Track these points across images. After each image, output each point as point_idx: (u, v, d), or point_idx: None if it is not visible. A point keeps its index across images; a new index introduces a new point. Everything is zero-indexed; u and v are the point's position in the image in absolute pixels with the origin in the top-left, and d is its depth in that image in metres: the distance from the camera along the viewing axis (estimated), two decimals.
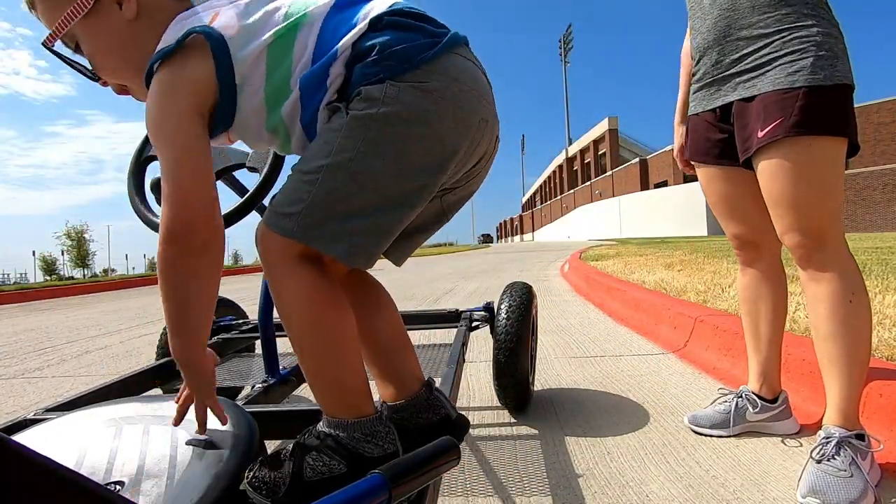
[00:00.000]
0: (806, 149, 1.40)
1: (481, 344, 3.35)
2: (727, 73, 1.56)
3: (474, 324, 2.25)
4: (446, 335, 2.82)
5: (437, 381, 1.41)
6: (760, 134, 1.45)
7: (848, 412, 1.43)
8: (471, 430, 1.97)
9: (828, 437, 1.42)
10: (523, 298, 2.08)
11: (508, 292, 2.13)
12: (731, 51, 1.54)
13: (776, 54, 1.45)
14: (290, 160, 1.33)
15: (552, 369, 2.78)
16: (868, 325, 1.43)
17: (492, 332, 2.19)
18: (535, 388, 2.37)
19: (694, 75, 1.72)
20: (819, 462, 1.39)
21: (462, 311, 2.35)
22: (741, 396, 1.80)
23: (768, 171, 1.47)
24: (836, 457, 1.38)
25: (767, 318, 1.77)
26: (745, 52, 1.50)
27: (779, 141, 1.42)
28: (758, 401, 1.77)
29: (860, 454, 1.38)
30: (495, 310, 2.15)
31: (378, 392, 1.04)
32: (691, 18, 1.71)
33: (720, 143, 1.65)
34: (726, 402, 1.82)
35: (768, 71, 1.46)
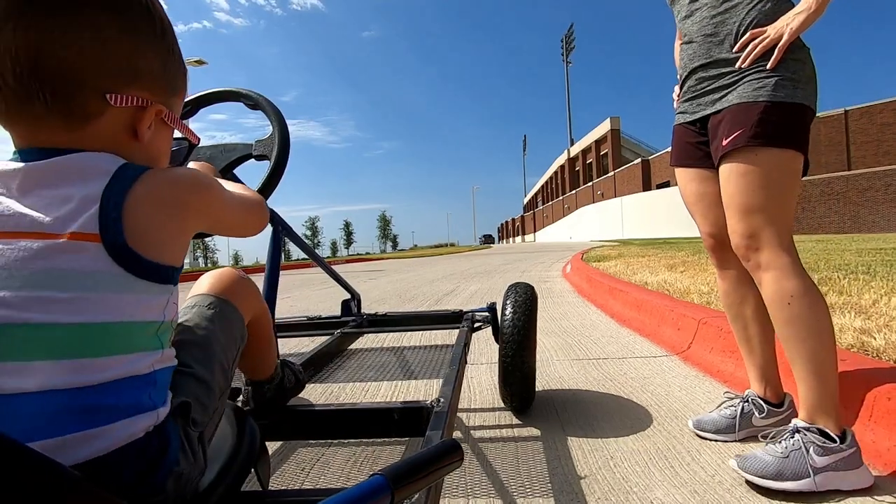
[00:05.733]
0: (759, 157, 1.51)
1: (482, 345, 3.33)
2: (707, 89, 1.66)
3: (476, 325, 2.23)
4: (447, 336, 2.81)
5: (439, 383, 1.42)
6: (724, 142, 1.55)
7: (810, 406, 1.47)
8: (472, 432, 1.99)
9: (787, 428, 1.50)
10: (527, 299, 2.07)
11: (512, 293, 2.12)
12: (712, 71, 1.64)
13: (745, 73, 1.55)
14: (297, 140, 1.29)
15: (554, 372, 2.76)
16: (817, 324, 1.47)
17: (494, 333, 2.19)
18: (537, 391, 2.35)
19: (680, 88, 1.80)
20: (766, 444, 1.49)
21: (464, 312, 2.33)
22: (747, 401, 1.78)
23: (725, 175, 1.58)
24: (781, 441, 1.47)
25: (755, 321, 1.77)
26: (723, 71, 1.61)
27: (739, 149, 1.53)
28: (763, 405, 1.75)
29: (815, 448, 1.42)
30: (499, 310, 2.14)
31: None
32: (679, 37, 1.83)
33: (700, 151, 1.74)
34: (732, 406, 1.80)
35: (738, 86, 1.56)
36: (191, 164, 1.07)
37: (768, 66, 1.51)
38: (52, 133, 0.68)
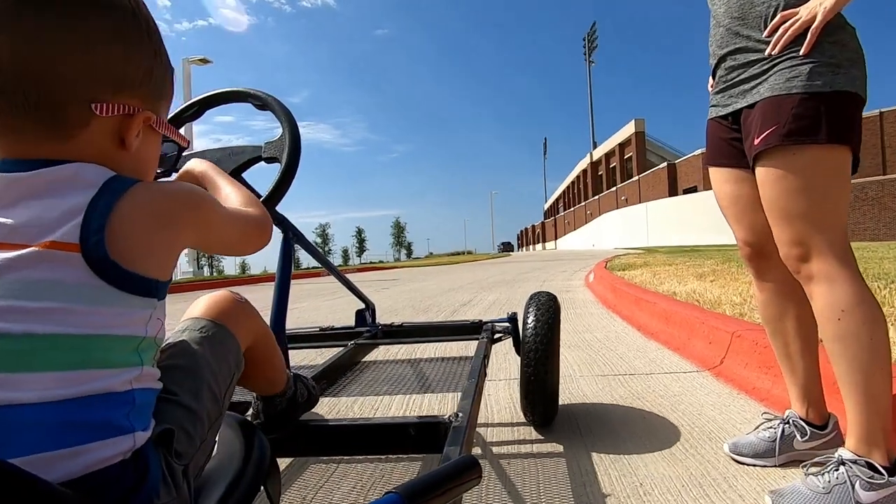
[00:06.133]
0: (797, 158, 1.41)
1: (500, 359, 3.28)
2: (737, 79, 1.57)
3: (497, 336, 2.21)
4: (465, 347, 2.76)
5: (457, 396, 1.40)
6: (756, 141, 1.47)
7: (858, 434, 1.41)
8: (491, 448, 1.97)
9: (830, 459, 1.42)
10: (550, 309, 2.06)
11: (534, 302, 2.11)
12: (741, 58, 1.55)
13: (777, 60, 1.45)
14: (307, 143, 1.29)
15: (578, 388, 2.70)
16: (871, 341, 1.38)
17: (515, 345, 2.18)
18: (560, 408, 2.30)
19: (713, 78, 1.72)
20: (807, 476, 1.42)
21: (484, 322, 2.32)
22: (787, 422, 1.70)
23: (761, 178, 1.49)
24: (825, 474, 1.39)
25: (797, 336, 1.69)
26: (752, 58, 1.51)
27: (772, 149, 1.43)
28: (806, 427, 1.67)
29: (861, 482, 1.34)
30: (520, 321, 2.12)
31: None
32: (712, 18, 1.71)
33: (734, 149, 1.65)
34: (771, 428, 1.72)
35: (770, 77, 1.47)
36: (194, 163, 1.06)
37: (801, 52, 1.41)
38: (37, 144, 0.67)
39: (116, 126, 0.72)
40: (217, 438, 0.89)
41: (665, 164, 45.05)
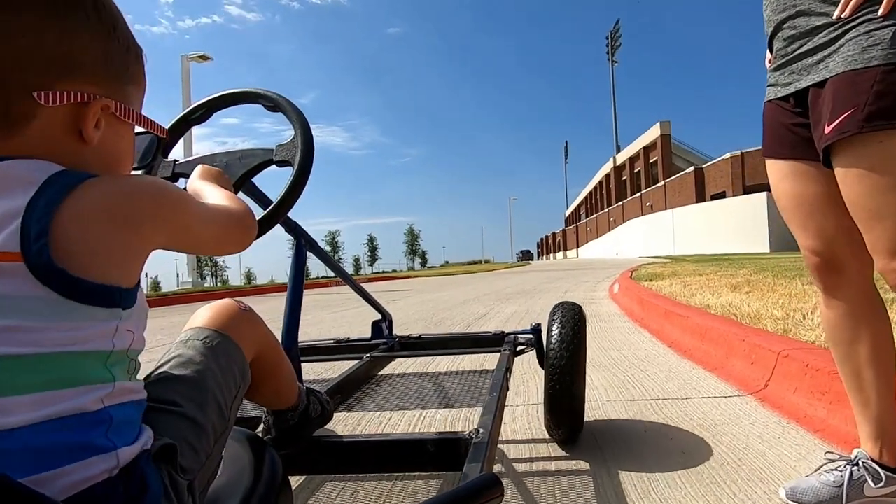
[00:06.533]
0: (885, 147, 1.20)
1: (525, 367, 3.09)
2: (800, 51, 1.36)
3: (519, 348, 2.22)
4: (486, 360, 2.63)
5: (478, 412, 1.42)
6: (828, 129, 1.27)
7: None
8: (514, 466, 1.97)
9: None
10: (576, 319, 2.07)
11: (559, 313, 2.11)
12: (803, 23, 1.34)
13: (849, 24, 1.24)
14: (320, 145, 1.25)
15: (604, 414, 2.51)
16: None
17: (539, 357, 2.19)
18: (585, 440, 2.13)
19: (770, 52, 1.51)
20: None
21: (506, 334, 2.33)
22: (857, 464, 1.50)
23: (841, 176, 1.30)
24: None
25: (872, 364, 1.48)
26: (817, 24, 1.30)
27: (851, 138, 1.22)
28: (880, 471, 1.47)
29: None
30: (545, 332, 2.12)
31: None
32: None
33: (796, 136, 1.44)
34: (836, 470, 1.52)
35: (841, 46, 1.25)
36: (199, 171, 1.06)
37: (880, 12, 1.21)
38: None
39: (70, 116, 0.67)
40: (225, 454, 0.88)
41: (692, 168, 45.16)
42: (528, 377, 3.14)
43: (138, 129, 0.81)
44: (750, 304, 4.47)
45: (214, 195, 0.93)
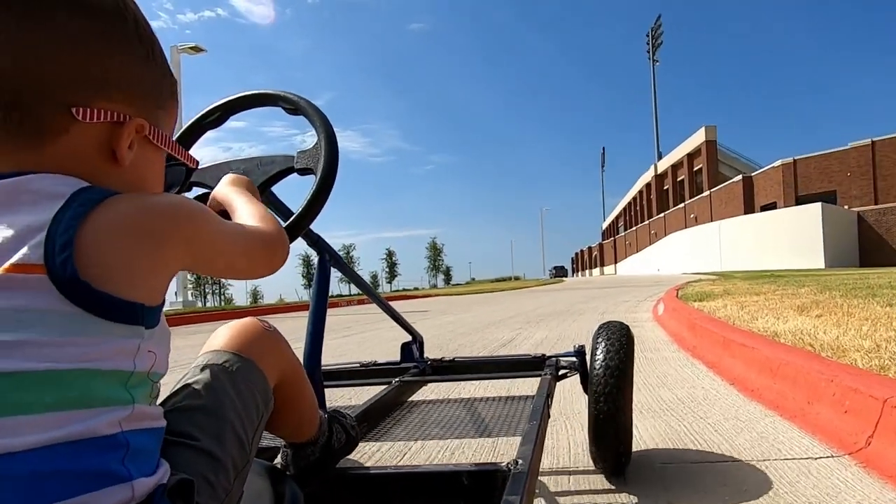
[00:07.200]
0: None
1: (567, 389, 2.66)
2: None
3: (562, 372, 2.22)
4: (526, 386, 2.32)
5: (516, 441, 1.42)
6: None
7: None
8: (556, 499, 1.95)
9: None
10: (623, 339, 2.07)
11: (604, 333, 2.10)
12: None
13: None
14: (344, 153, 1.40)
15: (658, 481, 2.06)
16: None
17: (583, 382, 2.20)
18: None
19: None
20: None
21: (547, 357, 2.35)
22: None
23: None
24: None
25: None
26: None
27: None
28: None
29: None
30: (589, 354, 2.14)
31: None
32: None
33: None
34: None
35: None
36: (219, 186, 1.07)
37: None
38: (6, 153, 0.68)
39: (104, 136, 0.72)
40: (245, 489, 0.87)
41: (740, 177, 45.86)
42: (576, 398, 2.71)
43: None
44: (827, 331, 4.01)
45: (246, 210, 0.95)
